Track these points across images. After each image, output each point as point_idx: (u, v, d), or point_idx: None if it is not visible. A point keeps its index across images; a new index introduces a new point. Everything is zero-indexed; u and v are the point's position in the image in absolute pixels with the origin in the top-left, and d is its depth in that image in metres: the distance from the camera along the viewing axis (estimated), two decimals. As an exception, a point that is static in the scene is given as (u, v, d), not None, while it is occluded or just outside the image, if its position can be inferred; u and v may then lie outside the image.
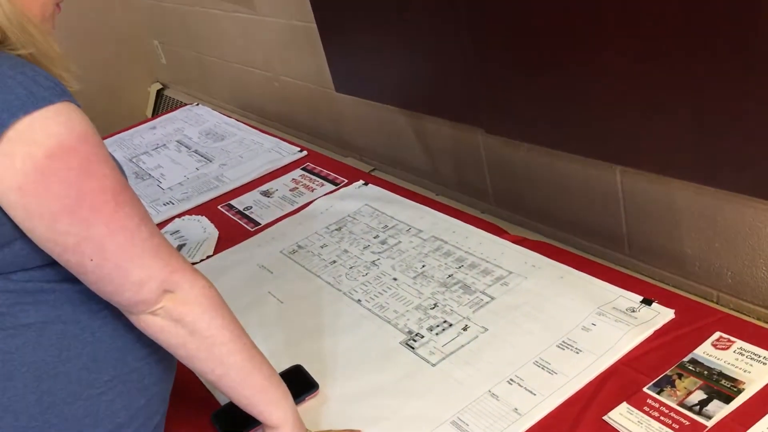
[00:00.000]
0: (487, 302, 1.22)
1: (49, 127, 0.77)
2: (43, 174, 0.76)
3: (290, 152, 2.01)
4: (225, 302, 0.91)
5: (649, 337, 1.06)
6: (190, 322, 0.86)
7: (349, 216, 1.60)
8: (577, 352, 1.06)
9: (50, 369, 0.85)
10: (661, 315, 1.09)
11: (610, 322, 1.10)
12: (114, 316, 0.89)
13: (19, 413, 0.83)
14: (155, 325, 0.86)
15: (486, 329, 1.16)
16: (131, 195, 0.84)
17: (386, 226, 1.52)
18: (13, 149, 0.75)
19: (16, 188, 0.76)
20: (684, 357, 1.00)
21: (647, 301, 1.13)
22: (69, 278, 0.85)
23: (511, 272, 1.28)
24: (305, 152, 1.99)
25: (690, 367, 0.98)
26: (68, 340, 0.86)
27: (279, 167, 1.94)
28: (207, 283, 0.89)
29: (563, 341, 1.09)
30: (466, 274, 1.30)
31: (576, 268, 1.24)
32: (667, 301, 1.12)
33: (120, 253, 0.81)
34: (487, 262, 1.32)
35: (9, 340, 0.83)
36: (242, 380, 0.92)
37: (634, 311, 1.11)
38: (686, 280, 1.27)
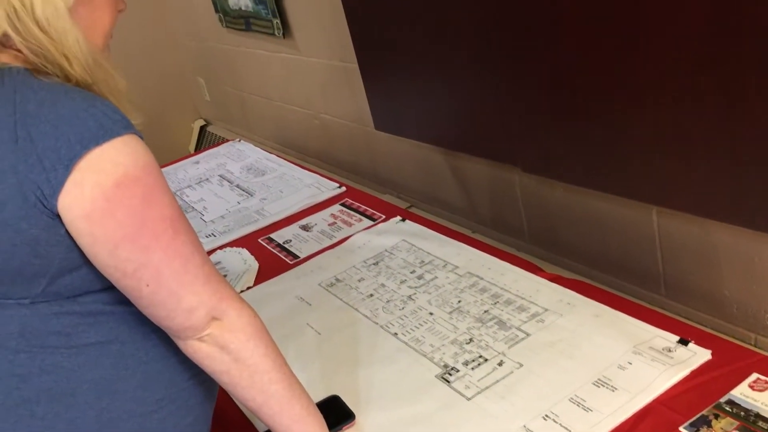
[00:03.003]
0: (523, 338, 1.23)
1: (117, 157, 0.81)
2: (109, 202, 0.81)
3: (329, 188, 2.05)
4: (268, 332, 0.94)
5: (686, 377, 1.06)
6: (235, 349, 0.89)
7: (386, 251, 1.62)
8: (613, 390, 1.07)
9: (109, 386, 0.88)
10: (698, 355, 1.09)
11: (646, 361, 1.10)
12: (163, 338, 0.92)
13: (80, 428, 0.87)
14: (201, 350, 0.89)
15: (521, 365, 1.17)
16: (187, 223, 0.88)
17: (423, 261, 1.54)
18: (84, 178, 0.80)
19: (84, 216, 0.80)
20: (721, 398, 1.00)
21: (684, 342, 1.13)
22: (125, 301, 0.89)
23: (546, 309, 1.29)
24: (344, 188, 2.03)
25: (727, 408, 0.98)
26: (125, 360, 0.90)
27: (318, 202, 1.98)
28: (252, 312, 0.92)
29: (599, 379, 1.10)
30: (502, 310, 1.32)
31: (612, 307, 1.25)
32: (704, 341, 1.12)
33: (175, 279, 0.85)
34: (523, 298, 1.33)
35: (73, 359, 0.87)
36: (281, 409, 0.95)
37: (670, 351, 1.12)
38: (724, 322, 1.26)
